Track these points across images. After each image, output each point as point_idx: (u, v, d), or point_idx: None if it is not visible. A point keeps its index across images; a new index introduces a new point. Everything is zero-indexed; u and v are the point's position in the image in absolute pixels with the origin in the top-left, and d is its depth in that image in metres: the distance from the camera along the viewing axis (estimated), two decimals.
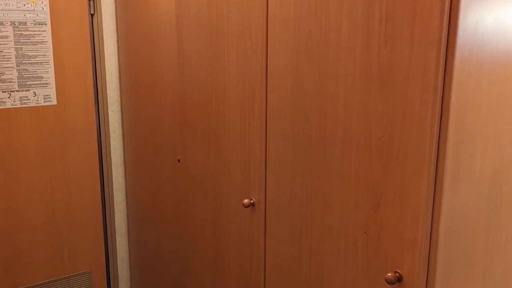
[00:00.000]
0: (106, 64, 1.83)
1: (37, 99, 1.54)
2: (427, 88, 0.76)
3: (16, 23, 1.40)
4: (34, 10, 1.40)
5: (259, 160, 1.16)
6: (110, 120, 1.91)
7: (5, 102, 1.52)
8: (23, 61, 1.49)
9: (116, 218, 2.02)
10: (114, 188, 1.98)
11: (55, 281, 1.82)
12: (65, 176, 1.78)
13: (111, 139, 1.93)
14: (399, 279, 0.83)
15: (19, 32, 1.44)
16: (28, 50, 1.48)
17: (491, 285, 0.92)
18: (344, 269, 0.96)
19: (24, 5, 1.40)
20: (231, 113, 1.25)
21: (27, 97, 1.53)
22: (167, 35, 1.54)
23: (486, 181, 0.84)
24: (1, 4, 1.37)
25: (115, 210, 2.01)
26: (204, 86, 1.34)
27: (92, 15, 1.72)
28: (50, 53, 1.54)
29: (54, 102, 1.64)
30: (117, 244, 2.04)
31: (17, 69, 1.48)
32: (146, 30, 1.66)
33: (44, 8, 1.45)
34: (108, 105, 1.89)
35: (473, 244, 0.86)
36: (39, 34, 1.48)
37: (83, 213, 1.86)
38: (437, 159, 0.77)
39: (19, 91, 1.52)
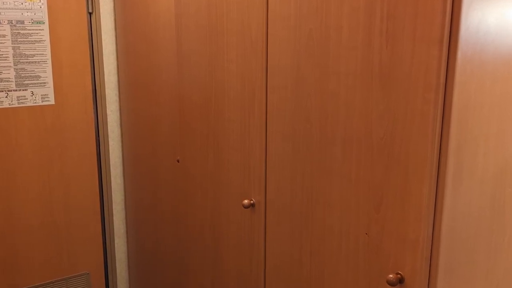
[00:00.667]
0: (104, 63, 1.81)
1: (34, 98, 1.53)
2: (429, 86, 0.75)
3: (13, 21, 1.39)
4: (31, 9, 1.39)
5: (259, 160, 1.15)
6: (108, 119, 1.90)
7: (2, 101, 1.51)
8: (21, 60, 1.48)
9: (115, 219, 2.01)
10: (112, 188, 1.97)
11: (54, 282, 1.81)
12: (63, 176, 1.77)
13: (109, 139, 1.92)
14: (401, 280, 0.83)
15: (17, 31, 1.42)
16: (25, 49, 1.47)
17: (494, 285, 0.92)
18: (345, 271, 0.95)
19: (22, 3, 1.38)
20: (230, 112, 1.24)
21: (24, 96, 1.52)
22: (166, 34, 1.53)
23: (488, 181, 0.84)
24: None
25: (114, 210, 2.00)
26: (204, 86, 1.33)
27: (90, 13, 1.71)
28: (48, 52, 1.53)
29: (52, 102, 1.63)
30: (116, 245, 2.03)
31: (14, 68, 1.47)
32: (144, 28, 1.65)
33: (42, 6, 1.44)
34: (107, 104, 1.88)
35: (475, 244, 0.85)
36: (37, 33, 1.47)
37: (82, 213, 1.85)
38: (439, 159, 0.77)
39: (16, 90, 1.51)
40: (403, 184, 0.81)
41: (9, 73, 1.47)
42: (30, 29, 1.44)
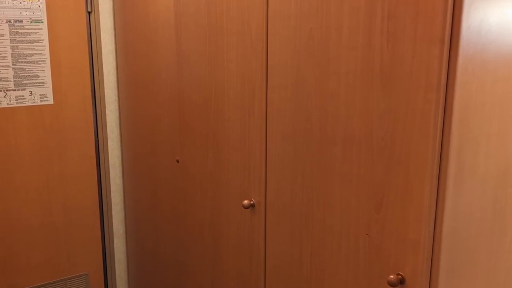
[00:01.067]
0: (103, 62, 1.81)
1: (33, 98, 1.52)
2: (430, 86, 0.74)
3: (12, 21, 1.38)
4: (30, 8, 1.39)
5: (259, 160, 1.15)
6: (107, 119, 1.89)
7: (0, 101, 1.50)
8: (19, 60, 1.47)
9: (114, 219, 2.00)
10: (111, 189, 1.96)
11: (52, 283, 1.81)
12: (62, 176, 1.76)
13: (108, 139, 1.92)
14: (402, 281, 0.82)
15: (15, 30, 1.42)
16: (24, 49, 1.46)
17: (495, 286, 0.91)
18: (346, 271, 0.94)
19: (20, 2, 1.38)
20: (230, 112, 1.23)
21: (23, 96, 1.51)
22: (165, 33, 1.53)
23: (490, 181, 0.83)
24: None
25: (113, 211, 1.99)
26: (203, 85, 1.33)
27: (89, 12, 1.70)
28: (46, 51, 1.53)
29: (51, 102, 1.62)
30: (115, 245, 2.02)
31: (13, 68, 1.46)
32: (144, 28, 1.64)
33: (41, 5, 1.43)
34: (106, 104, 1.87)
35: (476, 244, 0.85)
36: (36, 32, 1.46)
37: (81, 214, 1.84)
38: (440, 159, 0.76)
39: (15, 90, 1.50)
40: (404, 184, 0.80)
41: (7, 73, 1.46)
42: (28, 28, 1.44)
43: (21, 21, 1.39)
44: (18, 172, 1.66)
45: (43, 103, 1.60)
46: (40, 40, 1.49)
